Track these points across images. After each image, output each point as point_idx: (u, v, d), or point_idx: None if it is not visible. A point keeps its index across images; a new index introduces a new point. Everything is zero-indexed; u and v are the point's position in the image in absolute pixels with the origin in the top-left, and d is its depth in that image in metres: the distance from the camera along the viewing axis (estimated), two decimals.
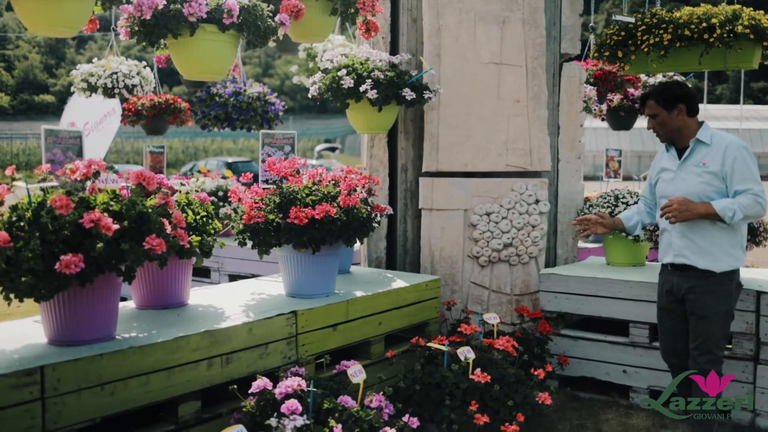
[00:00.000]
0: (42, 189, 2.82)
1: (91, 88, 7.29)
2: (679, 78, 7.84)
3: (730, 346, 4.26)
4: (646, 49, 4.95)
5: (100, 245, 2.61)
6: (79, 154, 3.45)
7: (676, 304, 3.83)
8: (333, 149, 35.44)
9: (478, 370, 3.61)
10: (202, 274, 6.62)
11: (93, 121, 10.10)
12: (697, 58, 4.85)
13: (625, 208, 4.86)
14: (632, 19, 5.06)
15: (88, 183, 2.89)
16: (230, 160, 26.78)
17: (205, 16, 3.29)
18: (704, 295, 3.67)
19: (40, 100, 46.64)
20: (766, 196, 3.62)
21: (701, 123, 3.80)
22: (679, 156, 3.82)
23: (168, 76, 8.72)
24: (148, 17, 3.24)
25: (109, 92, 7.34)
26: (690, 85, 8.11)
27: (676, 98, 3.74)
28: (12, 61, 47.81)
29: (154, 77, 7.75)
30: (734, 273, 3.72)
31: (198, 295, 3.92)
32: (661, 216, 3.72)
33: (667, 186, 3.83)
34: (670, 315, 3.88)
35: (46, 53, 51.18)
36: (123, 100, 7.75)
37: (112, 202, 2.81)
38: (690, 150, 3.75)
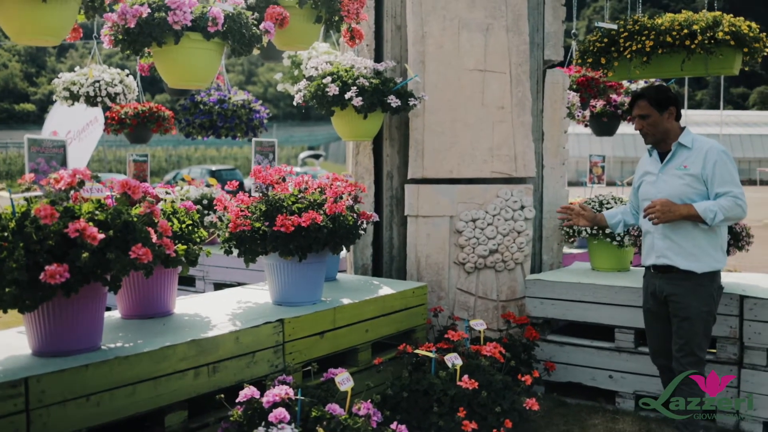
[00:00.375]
0: (26, 199, 2.79)
1: (74, 97, 7.23)
2: (660, 84, 7.91)
3: (713, 351, 4.29)
4: (628, 56, 4.98)
5: (85, 255, 2.60)
6: (63, 164, 3.43)
7: (660, 306, 3.86)
8: (317, 156, 35.43)
9: (465, 377, 3.62)
10: (187, 282, 6.59)
11: (75, 129, 10.01)
12: (679, 65, 4.88)
13: None
14: (615, 26, 5.09)
15: (73, 192, 2.87)
16: (214, 168, 26.70)
17: (189, 24, 3.27)
18: (686, 297, 3.71)
19: (20, 108, 46.31)
20: (745, 199, 3.69)
21: (683, 128, 3.87)
22: (662, 159, 3.88)
23: (150, 84, 8.67)
24: (132, 26, 3.23)
25: (91, 101, 7.28)
26: None
27: (667, 100, 3.81)
28: None
29: (137, 85, 7.70)
30: (715, 275, 3.77)
31: (184, 304, 3.91)
32: (644, 217, 3.76)
33: (649, 188, 3.88)
34: (655, 317, 3.93)
35: (27, 62, 50.84)
36: (105, 108, 7.68)
37: (97, 212, 2.79)
38: (672, 153, 3.81)
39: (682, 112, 4.06)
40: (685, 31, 4.76)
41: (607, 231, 4.87)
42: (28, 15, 3.01)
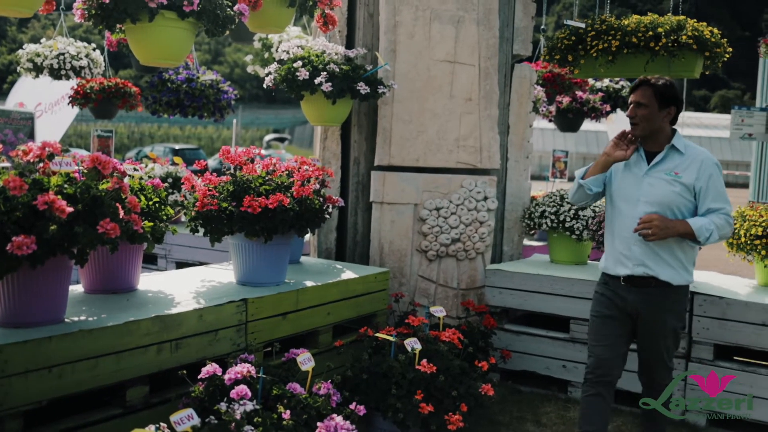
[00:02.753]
0: None
1: (37, 69, 7.15)
2: (624, 83, 8.06)
3: None
4: (594, 54, 5.10)
5: (53, 227, 2.61)
6: (31, 136, 3.41)
7: (626, 317, 3.56)
8: (282, 140, 35.19)
9: (424, 361, 3.70)
10: (148, 260, 6.57)
11: (47, 102, 9.83)
12: (643, 65, 5.01)
13: (569, 209, 4.99)
14: (583, 25, 5.20)
15: (41, 165, 2.87)
16: (177, 146, 26.43)
17: (165, 2, 3.28)
18: (663, 313, 3.49)
19: None
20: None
21: (675, 131, 3.59)
22: (648, 160, 3.56)
23: (115, 59, 8.55)
24: (107, 1, 3.22)
25: (55, 73, 7.21)
26: None
27: (672, 99, 3.49)
28: None
29: (104, 60, 7.63)
30: (687, 289, 3.60)
31: (147, 281, 3.92)
32: (636, 231, 3.39)
33: (632, 189, 3.52)
34: (614, 322, 3.58)
35: None
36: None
37: (66, 185, 2.80)
38: (663, 156, 3.50)
39: None
40: (650, 33, 4.89)
41: (567, 224, 4.98)
42: None
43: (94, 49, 7.43)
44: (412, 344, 3.79)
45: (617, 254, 3.58)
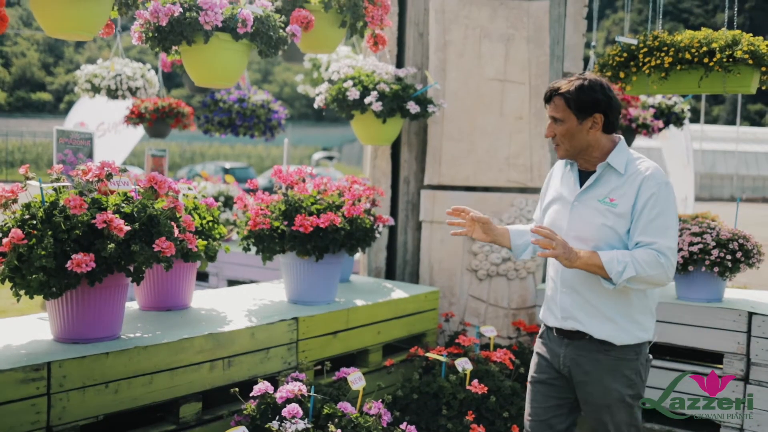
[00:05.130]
0: (54, 189, 2.87)
1: (95, 89, 7.35)
2: (677, 99, 7.92)
3: (720, 366, 4.32)
4: (647, 71, 5.02)
5: (111, 246, 2.67)
6: (90, 156, 3.50)
7: (560, 378, 2.93)
8: (330, 158, 35.51)
9: (475, 381, 3.67)
10: (200, 278, 6.67)
11: (110, 121, 10.05)
12: (697, 81, 4.91)
13: None
14: (635, 41, 5.14)
15: (99, 184, 2.94)
16: (228, 165, 26.84)
17: (220, 24, 3.34)
18: (603, 375, 2.77)
19: (36, 98, 46.61)
20: (675, 259, 2.67)
21: (617, 140, 2.82)
22: (581, 182, 2.83)
23: (168, 79, 8.74)
24: (163, 24, 3.30)
25: (112, 94, 7.39)
26: (688, 106, 8.21)
27: (594, 105, 2.71)
28: (10, 57, 47.75)
29: (159, 81, 7.81)
30: (642, 346, 2.82)
31: (200, 299, 3.97)
32: (535, 242, 2.69)
33: (561, 220, 2.83)
34: (547, 388, 2.95)
35: (45, 51, 51.13)
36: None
37: (123, 204, 2.87)
38: (596, 177, 2.77)
39: (698, 127, 3.99)
40: (704, 48, 4.80)
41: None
42: (65, 11, 3.07)
43: (148, 70, 7.61)
44: (463, 364, 3.77)
45: (548, 300, 2.96)
